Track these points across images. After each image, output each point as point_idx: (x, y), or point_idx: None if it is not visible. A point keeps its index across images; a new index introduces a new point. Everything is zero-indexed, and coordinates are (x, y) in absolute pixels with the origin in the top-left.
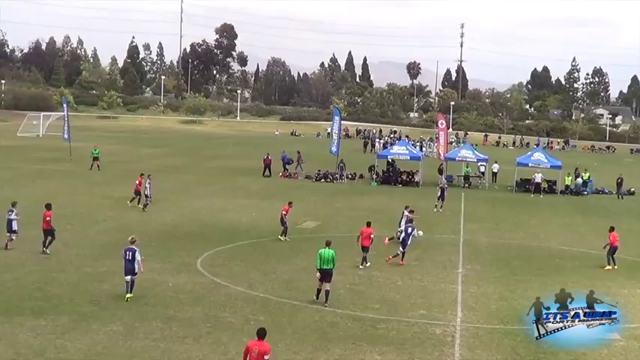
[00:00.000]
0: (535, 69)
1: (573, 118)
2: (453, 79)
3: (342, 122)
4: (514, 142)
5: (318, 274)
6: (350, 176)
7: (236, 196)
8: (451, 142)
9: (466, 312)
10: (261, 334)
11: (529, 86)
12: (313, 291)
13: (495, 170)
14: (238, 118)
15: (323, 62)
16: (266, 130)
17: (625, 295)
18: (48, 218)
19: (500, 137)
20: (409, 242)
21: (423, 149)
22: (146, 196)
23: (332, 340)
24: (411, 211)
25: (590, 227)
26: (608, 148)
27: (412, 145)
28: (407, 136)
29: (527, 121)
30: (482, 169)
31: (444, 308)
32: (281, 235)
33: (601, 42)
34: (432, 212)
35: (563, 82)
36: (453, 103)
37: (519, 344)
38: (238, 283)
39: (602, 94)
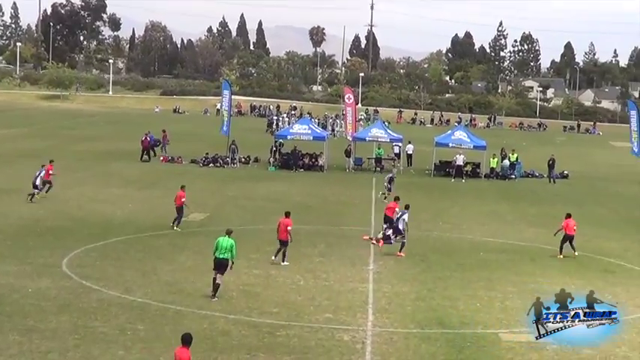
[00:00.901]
0: (456, 35)
1: (499, 91)
2: (363, 46)
3: (234, 97)
4: (432, 120)
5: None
6: (243, 160)
7: (109, 185)
8: (360, 120)
9: (378, 315)
10: (185, 339)
11: (449, 55)
12: (201, 292)
13: (410, 152)
14: (111, 92)
15: (211, 27)
16: (144, 107)
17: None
18: None
19: (416, 114)
20: (402, 227)
21: (329, 128)
22: (35, 186)
23: (223, 351)
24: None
25: (519, 215)
26: (539, 125)
27: (315, 123)
28: (309, 113)
29: (447, 95)
30: (396, 150)
31: (353, 311)
32: (174, 224)
33: (531, 4)
34: (337, 201)
35: (488, 50)
36: (362, 74)
37: (439, 350)
38: (112, 286)
39: (532, 63)
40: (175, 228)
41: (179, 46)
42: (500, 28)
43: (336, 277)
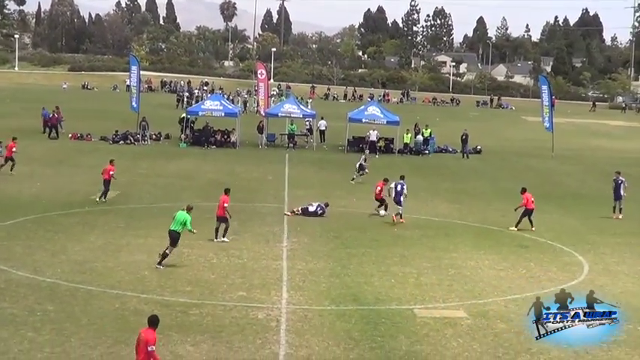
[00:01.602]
0: (368, 10)
1: (412, 66)
2: (275, 21)
3: (145, 73)
4: (345, 95)
5: None
6: (154, 137)
7: (15, 163)
8: (272, 96)
9: (292, 292)
10: (152, 321)
11: (362, 30)
12: (113, 271)
13: (323, 128)
14: (17, 68)
15: (119, 1)
16: (52, 83)
17: (472, 267)
18: None
19: (329, 89)
20: (402, 199)
21: (247, 104)
22: None
23: (136, 331)
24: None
25: (433, 191)
26: (452, 100)
27: (228, 99)
28: (221, 89)
29: (360, 70)
30: (308, 125)
31: (267, 289)
32: (100, 197)
33: None
34: (250, 178)
35: (401, 25)
36: (274, 49)
37: (353, 327)
38: (21, 266)
39: (445, 38)
40: (98, 200)
41: (87, 20)
42: (412, 3)
43: (249, 255)
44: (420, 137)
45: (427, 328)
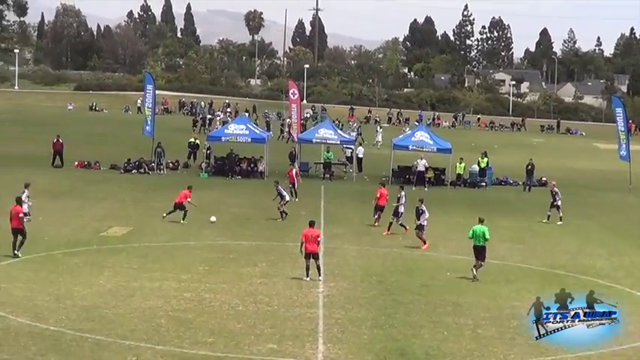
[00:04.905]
0: (415, 21)
1: (466, 85)
2: (307, 34)
3: (160, 92)
4: (390, 118)
5: None
6: (171, 165)
7: (15, 195)
8: (306, 118)
9: (330, 345)
10: None
11: (407, 43)
12: (124, 319)
13: (361, 155)
14: (17, 87)
15: (131, 11)
16: (56, 104)
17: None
18: (21, 215)
19: (370, 111)
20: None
21: (271, 129)
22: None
23: None
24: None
25: (491, 229)
26: (512, 125)
27: (254, 122)
28: (247, 111)
29: (405, 90)
30: (347, 153)
31: (301, 340)
32: (183, 219)
33: None
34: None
35: (452, 38)
36: (307, 66)
37: None
38: (21, 312)
39: (503, 53)
40: (185, 221)
41: (95, 33)
42: (465, 13)
43: (280, 302)
44: (475, 167)
45: None
